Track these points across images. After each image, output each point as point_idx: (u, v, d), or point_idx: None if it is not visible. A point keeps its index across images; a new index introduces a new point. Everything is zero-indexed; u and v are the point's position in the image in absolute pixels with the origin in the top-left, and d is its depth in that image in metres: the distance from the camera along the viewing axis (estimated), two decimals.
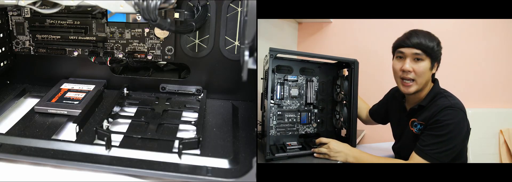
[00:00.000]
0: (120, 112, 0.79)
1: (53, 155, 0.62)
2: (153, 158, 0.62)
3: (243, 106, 0.84)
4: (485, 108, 1.30)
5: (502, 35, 1.31)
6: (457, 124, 0.70)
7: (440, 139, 0.70)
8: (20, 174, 0.61)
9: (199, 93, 0.86)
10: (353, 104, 0.86)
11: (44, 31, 0.82)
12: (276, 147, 0.81)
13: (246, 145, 0.68)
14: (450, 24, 1.29)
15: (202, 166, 0.61)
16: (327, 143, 0.78)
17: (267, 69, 0.76)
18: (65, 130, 0.73)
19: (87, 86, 0.84)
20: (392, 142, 0.91)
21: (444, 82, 0.80)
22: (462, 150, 0.76)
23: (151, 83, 0.87)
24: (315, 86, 0.90)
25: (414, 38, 0.74)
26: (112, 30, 0.82)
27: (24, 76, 0.89)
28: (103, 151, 0.63)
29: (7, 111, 0.80)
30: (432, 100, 0.75)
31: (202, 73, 0.85)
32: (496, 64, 1.32)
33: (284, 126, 0.86)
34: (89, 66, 0.86)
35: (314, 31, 1.48)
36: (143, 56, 0.83)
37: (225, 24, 0.79)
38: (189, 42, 0.82)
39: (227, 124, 0.76)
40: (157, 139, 0.68)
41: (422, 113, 0.76)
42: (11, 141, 0.64)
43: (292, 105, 0.87)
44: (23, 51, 0.85)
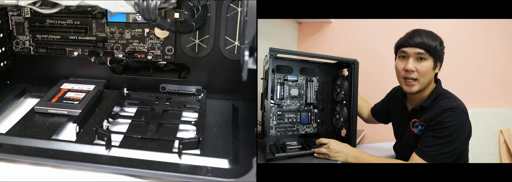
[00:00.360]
0: (120, 112, 0.79)
1: (53, 155, 0.62)
2: (153, 158, 0.62)
3: (243, 106, 0.84)
4: (485, 108, 1.30)
5: (502, 35, 1.31)
6: (459, 126, 0.70)
7: (441, 141, 0.70)
8: (20, 174, 0.61)
9: (199, 93, 0.86)
10: (353, 104, 0.86)
11: (44, 31, 0.82)
12: (276, 147, 0.81)
13: (246, 145, 0.68)
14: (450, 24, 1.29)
15: (202, 166, 0.61)
16: (327, 143, 0.78)
17: (267, 69, 0.76)
18: (65, 130, 0.73)
19: (87, 86, 0.84)
20: (392, 142, 0.91)
21: (444, 82, 0.80)
22: (463, 152, 0.76)
23: (151, 83, 0.87)
24: (315, 86, 0.90)
25: (417, 37, 0.73)
26: (112, 30, 0.82)
27: (24, 76, 0.89)
28: (103, 151, 0.63)
29: (7, 111, 0.80)
30: (434, 101, 0.75)
31: (202, 73, 0.85)
32: (496, 64, 1.32)
33: (284, 126, 0.86)
34: (89, 66, 0.86)
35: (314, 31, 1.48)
36: (143, 56, 0.83)
37: (225, 24, 0.79)
38: (189, 42, 0.82)
39: (227, 124, 0.76)
40: (157, 139, 0.68)
41: (423, 114, 0.76)
42: (11, 141, 0.64)
43: (292, 105, 0.87)
44: (23, 51, 0.85)
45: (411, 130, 0.78)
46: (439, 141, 0.70)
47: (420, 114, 0.77)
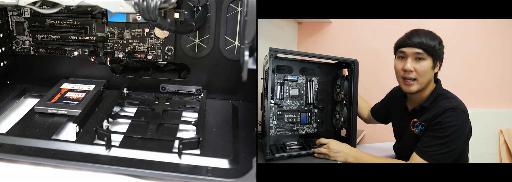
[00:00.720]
0: (120, 112, 0.79)
1: (53, 155, 0.62)
2: (153, 158, 0.62)
3: (243, 106, 0.84)
4: (485, 108, 1.31)
5: (502, 35, 1.31)
6: (459, 126, 0.70)
7: (442, 141, 0.70)
8: (20, 174, 0.61)
9: (199, 93, 0.86)
10: (353, 104, 0.86)
11: (44, 31, 0.82)
12: (276, 147, 0.81)
13: (246, 145, 0.68)
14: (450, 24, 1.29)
15: (202, 166, 0.61)
16: (327, 143, 0.78)
17: (267, 69, 0.76)
18: (65, 130, 0.73)
19: (87, 86, 0.84)
20: (392, 142, 0.91)
21: (444, 82, 0.80)
22: (463, 152, 0.76)
23: (151, 83, 0.87)
24: (315, 86, 0.90)
25: (415, 37, 0.73)
26: (112, 30, 0.82)
27: (24, 76, 0.89)
28: (103, 151, 0.63)
29: (7, 111, 0.80)
30: (434, 101, 0.75)
31: (202, 73, 0.85)
32: (496, 64, 1.32)
33: (284, 126, 0.86)
34: (89, 66, 0.86)
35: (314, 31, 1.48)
36: (143, 56, 0.83)
37: (225, 24, 0.79)
38: (189, 42, 0.82)
39: (227, 124, 0.76)
40: (157, 139, 0.68)
41: (423, 114, 0.76)
42: (11, 141, 0.64)
43: (292, 105, 0.87)
44: (23, 51, 0.85)
45: (411, 130, 0.78)
46: (440, 141, 0.70)
47: (421, 114, 0.77)
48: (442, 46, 0.75)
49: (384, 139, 1.20)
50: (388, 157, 0.93)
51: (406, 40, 0.74)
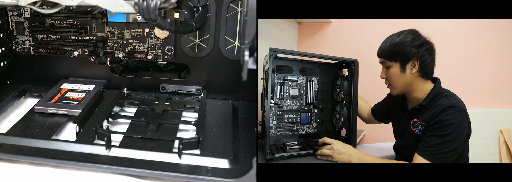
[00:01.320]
0: (120, 112, 0.79)
1: (53, 155, 0.62)
2: (153, 158, 0.62)
3: (243, 106, 0.84)
4: (485, 108, 1.31)
5: (502, 35, 1.31)
6: (459, 124, 0.70)
7: (443, 139, 0.70)
8: (20, 174, 0.61)
9: (199, 93, 0.86)
10: (353, 104, 0.86)
11: (44, 31, 0.82)
12: (276, 147, 0.81)
13: (246, 145, 0.68)
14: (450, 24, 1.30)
15: (202, 166, 0.61)
16: (331, 143, 0.77)
17: (267, 69, 0.76)
18: (65, 130, 0.73)
19: (87, 86, 0.84)
20: (392, 142, 0.91)
21: (444, 82, 0.80)
22: (464, 150, 0.76)
23: (151, 83, 0.87)
24: (315, 86, 0.90)
25: (381, 46, 0.79)
26: (112, 30, 0.82)
27: (24, 76, 0.89)
28: (103, 151, 0.63)
29: (7, 111, 0.80)
30: (433, 99, 0.75)
31: (202, 73, 0.85)
32: (496, 64, 1.32)
33: (284, 126, 0.86)
34: (89, 66, 0.86)
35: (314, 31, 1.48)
36: (143, 56, 0.83)
37: (225, 24, 0.79)
38: (189, 42, 0.82)
39: (227, 124, 0.76)
40: (157, 139, 0.68)
41: (423, 113, 0.76)
42: (11, 141, 0.64)
43: (292, 105, 0.87)
44: (23, 51, 0.85)
45: (412, 130, 0.78)
46: (442, 139, 0.70)
47: (420, 114, 0.77)
48: (415, 44, 0.75)
49: (384, 139, 1.20)
50: (388, 157, 0.93)
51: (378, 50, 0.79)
